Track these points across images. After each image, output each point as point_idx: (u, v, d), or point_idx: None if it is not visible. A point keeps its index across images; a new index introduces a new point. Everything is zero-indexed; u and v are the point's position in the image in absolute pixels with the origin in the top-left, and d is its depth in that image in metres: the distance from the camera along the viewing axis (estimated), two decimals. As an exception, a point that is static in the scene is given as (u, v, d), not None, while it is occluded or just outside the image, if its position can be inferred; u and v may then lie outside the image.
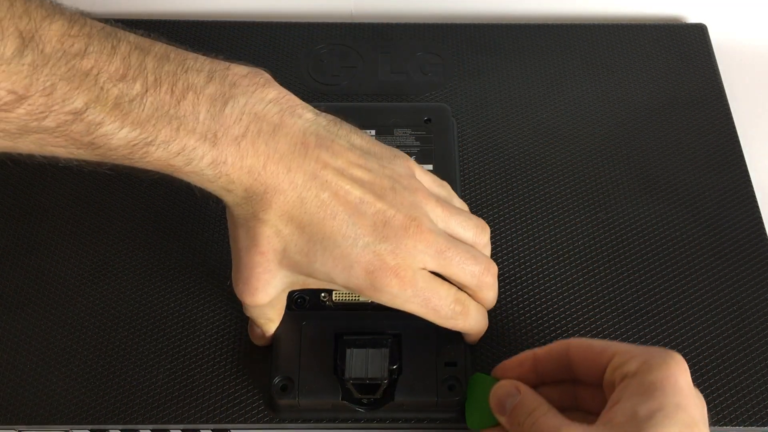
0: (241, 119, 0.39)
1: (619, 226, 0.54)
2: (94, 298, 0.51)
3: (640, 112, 0.61)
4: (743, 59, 0.67)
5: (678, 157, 0.58)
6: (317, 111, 0.43)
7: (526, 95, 0.62)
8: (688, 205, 0.55)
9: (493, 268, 0.45)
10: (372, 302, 0.48)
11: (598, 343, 0.42)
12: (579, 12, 0.69)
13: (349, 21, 0.68)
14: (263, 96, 0.40)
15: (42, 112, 0.34)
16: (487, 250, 0.47)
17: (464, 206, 0.49)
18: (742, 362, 0.48)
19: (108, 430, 0.46)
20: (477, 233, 0.46)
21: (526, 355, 0.44)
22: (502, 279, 0.52)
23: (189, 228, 0.54)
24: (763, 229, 0.54)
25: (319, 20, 0.67)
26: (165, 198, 0.55)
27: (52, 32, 0.34)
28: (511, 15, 0.69)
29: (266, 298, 0.43)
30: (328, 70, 0.63)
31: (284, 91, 0.41)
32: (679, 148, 0.58)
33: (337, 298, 0.48)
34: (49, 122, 0.35)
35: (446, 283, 0.44)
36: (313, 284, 0.43)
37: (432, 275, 0.43)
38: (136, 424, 0.46)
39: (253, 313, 0.45)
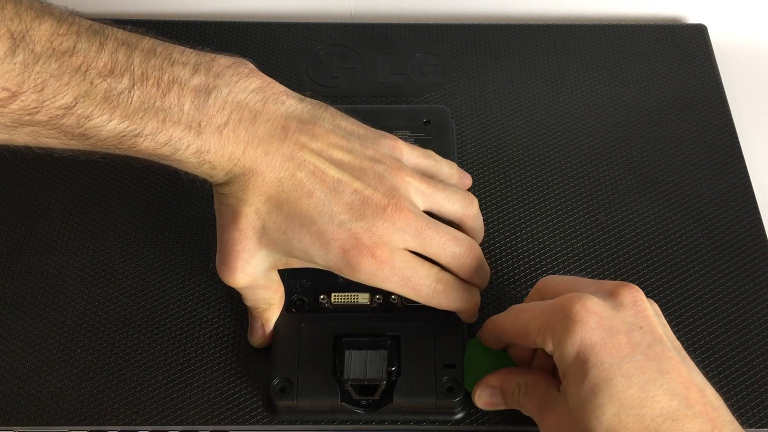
0: (224, 108, 0.40)
1: (618, 226, 0.54)
2: (93, 298, 0.51)
3: (640, 113, 0.61)
4: (743, 59, 0.67)
5: (678, 158, 0.58)
6: (302, 97, 0.44)
7: (526, 96, 0.62)
8: (687, 206, 0.55)
9: (476, 250, 0.45)
10: (371, 304, 0.48)
11: (515, 326, 0.42)
12: (579, 12, 0.69)
13: (349, 21, 0.67)
14: (246, 85, 0.41)
15: (34, 108, 0.36)
16: (478, 221, 0.48)
17: (453, 167, 0.49)
18: (742, 363, 0.48)
19: (107, 430, 0.46)
20: (465, 205, 0.46)
21: (486, 337, 0.46)
22: (502, 280, 0.52)
23: (188, 229, 0.54)
24: (763, 229, 0.54)
25: (319, 21, 0.67)
26: (164, 199, 0.55)
27: (42, 32, 0.35)
28: (511, 15, 0.69)
29: (246, 278, 0.44)
30: (327, 71, 0.63)
31: (268, 80, 0.43)
32: (679, 148, 0.58)
33: (336, 300, 0.48)
34: (41, 116, 0.36)
35: (427, 262, 0.44)
36: (295, 263, 0.44)
37: (412, 255, 0.43)
38: (136, 425, 0.46)
39: (250, 296, 0.46)
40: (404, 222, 0.42)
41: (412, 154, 0.47)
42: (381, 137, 0.45)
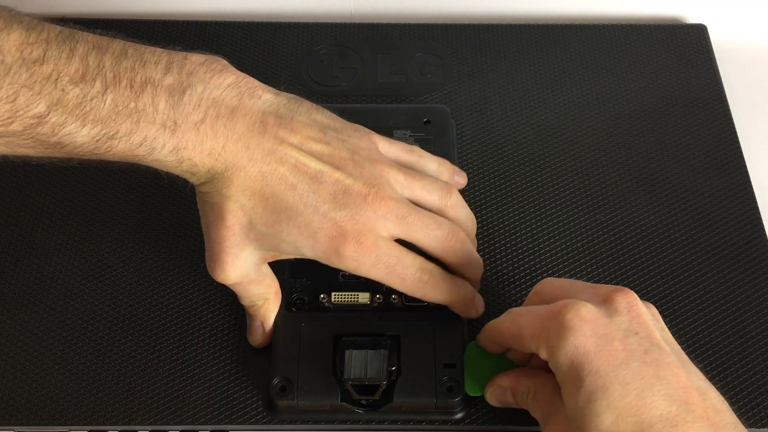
0: (199, 105, 0.40)
1: (618, 226, 0.54)
2: (93, 298, 0.51)
3: (640, 113, 0.61)
4: (743, 59, 0.67)
5: (678, 158, 0.58)
6: (277, 91, 0.44)
7: (526, 96, 0.62)
8: (687, 206, 0.55)
9: (459, 234, 0.45)
10: (371, 304, 0.48)
11: (511, 330, 0.42)
12: (579, 12, 0.69)
13: (349, 21, 0.67)
14: (221, 82, 0.41)
15: (8, 118, 0.36)
16: (462, 212, 0.47)
17: (443, 164, 0.49)
18: (742, 363, 0.48)
19: (107, 430, 0.46)
20: (443, 195, 0.46)
21: (483, 341, 0.45)
22: (502, 279, 0.52)
23: (187, 229, 0.54)
24: (763, 229, 0.54)
25: (319, 21, 0.67)
26: (163, 199, 0.55)
27: (11, 42, 0.35)
28: (510, 15, 0.69)
29: (236, 273, 0.44)
30: (328, 71, 0.63)
31: (242, 76, 0.43)
32: (679, 148, 0.58)
33: (336, 299, 0.48)
34: (15, 127, 0.36)
35: (412, 252, 0.44)
36: (283, 255, 0.44)
37: (397, 244, 0.43)
38: (135, 424, 0.46)
39: (244, 293, 0.46)
40: (385, 209, 0.42)
41: (391, 148, 0.47)
42: (356, 130, 0.46)
